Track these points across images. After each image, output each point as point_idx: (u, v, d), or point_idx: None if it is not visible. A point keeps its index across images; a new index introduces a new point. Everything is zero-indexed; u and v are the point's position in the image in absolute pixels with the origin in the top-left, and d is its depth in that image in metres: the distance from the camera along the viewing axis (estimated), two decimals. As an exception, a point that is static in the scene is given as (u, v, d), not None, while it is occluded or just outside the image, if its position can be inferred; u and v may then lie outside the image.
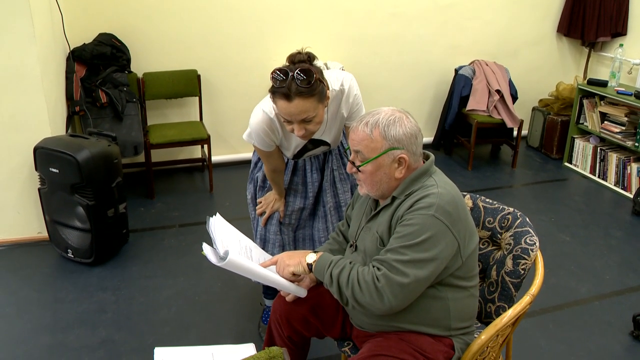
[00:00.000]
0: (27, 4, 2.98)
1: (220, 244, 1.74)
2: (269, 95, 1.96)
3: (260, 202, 2.46)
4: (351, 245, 1.85)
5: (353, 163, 1.69)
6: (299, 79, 1.81)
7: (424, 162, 1.71)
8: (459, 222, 1.59)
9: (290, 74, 1.81)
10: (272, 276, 1.80)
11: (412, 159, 1.65)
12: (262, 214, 2.45)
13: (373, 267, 1.57)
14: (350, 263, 1.64)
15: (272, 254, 2.28)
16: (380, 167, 1.64)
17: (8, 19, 2.99)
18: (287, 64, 1.89)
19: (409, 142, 1.63)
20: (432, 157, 1.74)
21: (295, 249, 2.51)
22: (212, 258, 1.70)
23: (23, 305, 2.86)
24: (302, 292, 1.86)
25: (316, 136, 2.22)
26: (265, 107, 2.08)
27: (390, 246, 1.57)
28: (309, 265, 1.73)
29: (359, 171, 1.68)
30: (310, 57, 1.91)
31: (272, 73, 1.84)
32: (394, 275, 1.52)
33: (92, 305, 2.86)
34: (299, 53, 1.90)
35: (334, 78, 2.13)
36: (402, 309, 1.60)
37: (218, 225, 1.85)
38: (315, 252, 1.77)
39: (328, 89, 1.99)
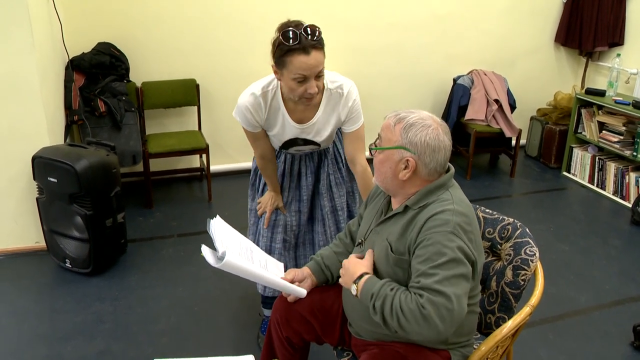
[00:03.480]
0: (26, 13, 2.98)
1: (220, 245, 1.74)
2: (257, 82, 2.13)
3: (259, 204, 2.49)
4: (359, 244, 1.84)
5: (375, 145, 1.71)
6: (310, 34, 1.90)
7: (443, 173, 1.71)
8: (473, 240, 1.59)
9: (299, 31, 1.90)
10: (270, 277, 1.81)
11: (423, 168, 1.63)
12: (262, 216, 2.47)
13: (414, 294, 1.51)
14: (391, 290, 1.57)
15: (278, 259, 2.34)
16: (388, 160, 1.65)
17: (7, 27, 2.99)
18: (282, 29, 1.94)
19: (423, 150, 1.61)
20: (452, 170, 1.73)
21: (295, 253, 2.53)
22: (211, 259, 1.70)
23: (20, 316, 2.84)
24: (302, 292, 1.88)
25: (309, 137, 2.25)
26: (252, 89, 2.18)
27: (419, 271, 1.53)
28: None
29: (372, 154, 1.72)
30: (302, 22, 1.98)
31: (280, 36, 1.93)
32: (438, 298, 1.47)
33: (90, 315, 2.85)
34: (290, 20, 1.97)
35: (333, 78, 2.18)
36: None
37: (218, 227, 1.85)
38: (359, 277, 1.67)
39: None
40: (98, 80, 3.92)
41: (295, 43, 1.90)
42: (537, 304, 1.73)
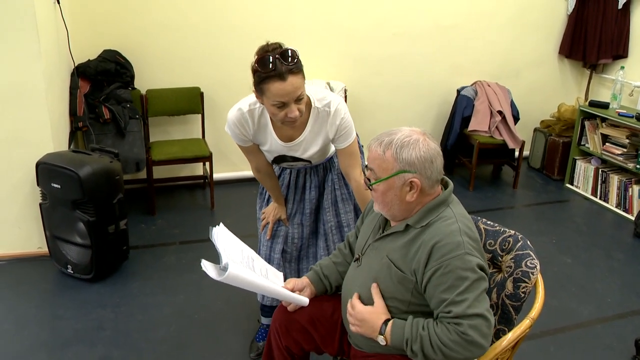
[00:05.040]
0: (33, 20, 3.01)
1: (223, 253, 1.74)
2: (248, 96, 2.11)
3: (263, 214, 2.50)
4: (356, 260, 1.83)
5: (369, 180, 1.68)
6: (286, 58, 1.87)
7: (442, 189, 1.70)
8: (482, 255, 1.60)
9: (274, 58, 1.87)
10: (272, 287, 1.81)
11: (426, 183, 1.62)
12: (266, 226, 2.48)
13: (449, 323, 1.52)
14: (423, 329, 1.56)
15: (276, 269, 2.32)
16: (391, 189, 1.63)
17: (14, 35, 3.01)
18: (258, 56, 1.92)
19: (422, 166, 1.60)
20: (451, 185, 1.72)
21: (298, 266, 2.53)
22: (212, 273, 1.70)
23: (21, 322, 2.85)
24: (304, 301, 1.88)
25: (296, 154, 2.25)
26: (240, 104, 2.17)
27: (447, 300, 1.53)
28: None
29: (371, 189, 1.68)
30: (280, 44, 1.95)
31: (256, 63, 1.90)
32: (476, 321, 1.50)
33: (90, 322, 2.85)
34: (268, 44, 1.95)
35: (320, 96, 2.15)
36: None
37: (221, 235, 1.85)
38: (381, 331, 1.64)
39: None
40: (103, 87, 3.94)
41: (270, 70, 1.87)
42: (538, 317, 1.73)
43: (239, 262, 1.77)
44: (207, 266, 1.71)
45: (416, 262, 1.60)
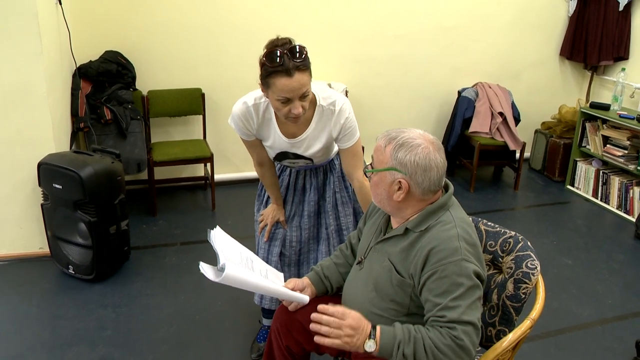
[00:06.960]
0: (35, 21, 3.01)
1: (221, 255, 1.75)
2: (254, 91, 2.12)
3: (262, 216, 2.50)
4: (359, 263, 1.84)
5: (371, 165, 1.71)
6: (294, 54, 1.88)
7: (443, 192, 1.70)
8: (480, 258, 1.60)
9: (283, 52, 1.87)
10: (271, 286, 1.81)
11: (416, 189, 1.63)
12: (264, 229, 2.47)
13: (442, 327, 1.52)
14: (416, 332, 1.54)
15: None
16: (382, 182, 1.65)
17: (16, 35, 3.02)
18: (267, 49, 1.92)
19: (413, 170, 1.60)
20: (451, 189, 1.72)
21: (299, 271, 2.52)
22: (210, 275, 1.70)
23: (22, 321, 2.85)
24: (304, 299, 1.89)
25: (298, 151, 2.25)
26: (246, 98, 2.18)
27: (440, 305, 1.53)
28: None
29: (367, 176, 1.72)
30: (290, 40, 1.96)
31: (264, 57, 1.90)
32: (468, 328, 1.51)
33: (91, 322, 2.85)
34: (278, 38, 1.95)
35: (326, 95, 2.16)
36: None
37: (219, 237, 1.85)
38: (371, 335, 1.56)
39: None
40: (104, 88, 3.95)
41: (278, 65, 1.87)
42: (538, 318, 1.73)
43: (238, 262, 1.77)
44: (205, 268, 1.72)
45: (413, 266, 1.60)
